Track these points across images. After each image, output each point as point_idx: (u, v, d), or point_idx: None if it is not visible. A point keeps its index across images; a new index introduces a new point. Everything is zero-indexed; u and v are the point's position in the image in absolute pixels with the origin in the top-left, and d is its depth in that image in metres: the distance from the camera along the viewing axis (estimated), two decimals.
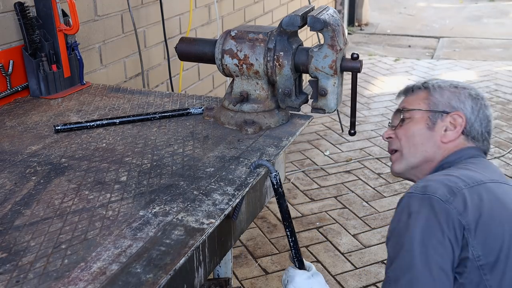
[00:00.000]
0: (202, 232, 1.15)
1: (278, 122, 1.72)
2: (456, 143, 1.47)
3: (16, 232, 1.17)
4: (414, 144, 1.49)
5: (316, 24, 1.55)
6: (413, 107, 1.52)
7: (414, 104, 1.53)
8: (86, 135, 1.69)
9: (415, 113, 1.51)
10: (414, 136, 1.50)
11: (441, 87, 1.52)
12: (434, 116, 1.48)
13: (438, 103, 1.49)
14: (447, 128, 1.47)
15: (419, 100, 1.52)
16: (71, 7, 2.01)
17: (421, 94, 1.53)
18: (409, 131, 1.50)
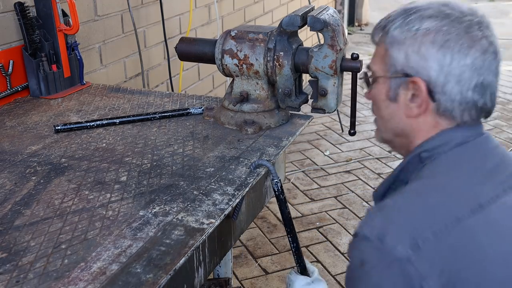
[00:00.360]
0: (202, 232, 1.15)
1: (278, 122, 1.72)
2: (428, 120, 1.08)
3: (16, 232, 1.17)
4: (381, 116, 1.16)
5: (316, 24, 1.55)
6: (373, 69, 1.14)
7: (375, 61, 1.14)
8: (86, 135, 1.69)
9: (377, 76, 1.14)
10: (380, 108, 1.15)
11: (398, 38, 1.07)
12: (394, 82, 1.09)
13: (395, 64, 1.08)
14: (411, 98, 1.07)
15: (379, 58, 1.13)
16: (71, 7, 2.01)
17: (381, 48, 1.12)
18: (375, 100, 1.16)
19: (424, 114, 1.07)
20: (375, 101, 1.16)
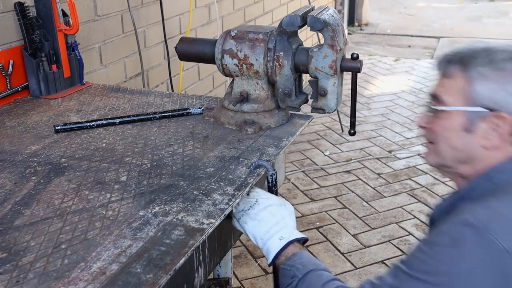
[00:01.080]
0: (202, 232, 1.15)
1: (278, 122, 1.72)
2: (503, 150, 1.17)
3: (16, 232, 1.17)
4: (450, 145, 1.22)
5: (316, 24, 1.55)
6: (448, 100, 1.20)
7: (450, 93, 1.20)
8: (86, 135, 1.69)
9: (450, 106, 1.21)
10: (450, 137, 1.21)
11: (484, 75, 1.15)
12: (474, 115, 1.16)
13: (478, 98, 1.15)
14: (490, 130, 1.16)
15: (455, 91, 1.18)
16: (71, 7, 2.01)
17: (459, 81, 1.18)
18: (444, 129, 1.21)
19: (502, 146, 1.16)
20: (443, 130, 1.22)
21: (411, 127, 4.93)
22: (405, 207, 3.64)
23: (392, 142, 4.63)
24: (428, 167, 4.09)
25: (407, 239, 3.27)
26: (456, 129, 1.19)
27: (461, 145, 1.20)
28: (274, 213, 1.33)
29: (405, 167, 4.17)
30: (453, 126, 1.20)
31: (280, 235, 1.30)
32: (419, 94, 5.76)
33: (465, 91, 1.17)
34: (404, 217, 3.51)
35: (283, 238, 1.29)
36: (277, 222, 1.32)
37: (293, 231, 1.32)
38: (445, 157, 1.25)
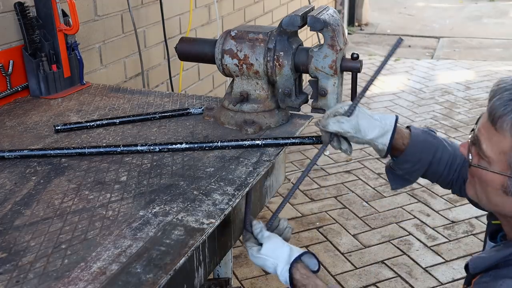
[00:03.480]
0: (202, 232, 1.15)
1: (278, 122, 1.72)
2: None
3: (16, 232, 1.17)
4: (488, 199, 1.18)
5: (316, 24, 1.55)
6: (490, 155, 1.12)
7: (494, 150, 1.11)
8: (86, 135, 1.69)
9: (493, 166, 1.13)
10: (488, 192, 1.16)
11: None
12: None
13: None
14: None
15: (499, 150, 1.10)
16: (71, 7, 2.01)
17: (505, 142, 1.09)
18: (483, 182, 1.16)
19: None
20: (482, 182, 1.16)
21: None
22: (405, 207, 3.64)
23: None
24: None
25: (407, 239, 3.27)
26: (496, 188, 1.14)
27: (499, 202, 1.16)
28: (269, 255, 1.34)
29: None
30: (493, 184, 1.14)
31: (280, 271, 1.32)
32: (419, 94, 5.76)
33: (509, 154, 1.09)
34: (404, 217, 3.51)
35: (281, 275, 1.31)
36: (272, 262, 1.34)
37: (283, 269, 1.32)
38: (483, 203, 1.22)
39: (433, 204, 3.66)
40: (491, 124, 1.11)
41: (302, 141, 1.58)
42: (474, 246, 3.20)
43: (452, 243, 3.24)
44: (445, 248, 3.19)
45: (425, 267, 3.01)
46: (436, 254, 3.12)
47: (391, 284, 2.89)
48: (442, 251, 3.15)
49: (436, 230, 3.36)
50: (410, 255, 3.12)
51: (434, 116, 5.15)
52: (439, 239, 3.27)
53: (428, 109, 5.35)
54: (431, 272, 2.98)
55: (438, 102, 5.52)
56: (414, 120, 5.08)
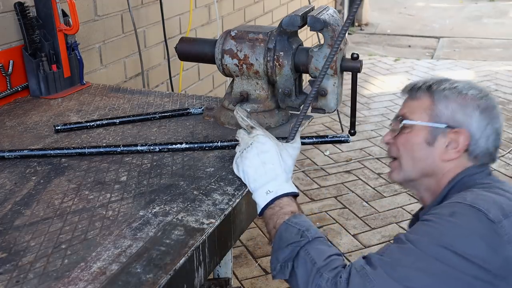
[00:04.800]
0: (202, 232, 1.15)
1: (278, 122, 1.72)
2: (456, 162, 1.34)
3: (16, 232, 1.17)
4: (412, 157, 1.38)
5: (316, 24, 1.55)
6: (413, 118, 1.38)
7: (416, 112, 1.38)
8: (86, 135, 1.69)
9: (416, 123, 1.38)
10: (412, 149, 1.37)
11: (447, 97, 1.35)
12: (435, 130, 1.34)
13: (441, 116, 1.34)
14: (448, 145, 1.33)
15: (421, 109, 1.37)
16: (71, 7, 2.01)
17: (425, 102, 1.37)
18: (408, 143, 1.38)
19: (458, 159, 1.33)
20: (407, 143, 1.38)
21: None
22: (405, 207, 3.64)
23: None
24: None
25: None
26: (419, 142, 1.36)
27: (422, 156, 1.36)
28: (266, 161, 1.29)
29: None
30: (417, 139, 1.36)
31: (267, 189, 1.27)
32: None
33: (429, 110, 1.36)
34: (404, 217, 3.51)
35: (270, 193, 1.26)
36: (266, 172, 1.28)
37: (281, 185, 1.27)
38: (408, 170, 1.39)
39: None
40: (410, 99, 1.41)
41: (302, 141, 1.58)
42: None
43: None
44: None
45: None
46: None
47: None
48: None
49: None
50: None
51: None
52: None
53: None
54: None
55: None
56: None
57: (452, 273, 1.09)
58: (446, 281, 1.09)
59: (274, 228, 1.24)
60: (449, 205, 1.20)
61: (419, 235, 1.15)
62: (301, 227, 1.20)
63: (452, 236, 1.12)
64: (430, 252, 1.11)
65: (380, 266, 1.11)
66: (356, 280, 1.10)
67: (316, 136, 1.67)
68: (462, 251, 1.09)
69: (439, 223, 1.15)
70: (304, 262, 1.16)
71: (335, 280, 1.12)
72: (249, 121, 1.38)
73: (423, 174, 1.38)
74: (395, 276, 1.09)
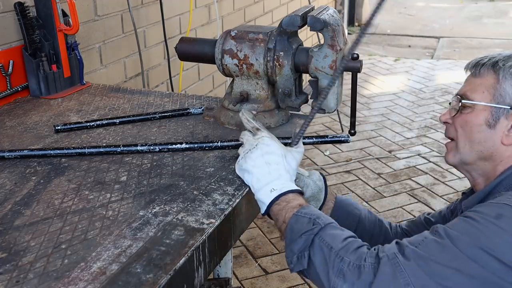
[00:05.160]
0: (202, 232, 1.15)
1: (278, 122, 1.72)
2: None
3: (16, 232, 1.17)
4: (471, 140, 1.30)
5: (316, 24, 1.55)
6: (475, 97, 1.30)
7: (478, 91, 1.30)
8: (86, 135, 1.69)
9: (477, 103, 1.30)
10: (471, 131, 1.30)
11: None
12: (498, 111, 1.26)
13: (505, 96, 1.26)
14: (511, 128, 1.26)
15: (484, 88, 1.29)
16: (71, 7, 2.01)
17: (488, 80, 1.29)
18: (467, 124, 1.30)
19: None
20: (466, 124, 1.30)
21: (411, 127, 4.93)
22: (405, 207, 3.64)
23: (392, 142, 4.64)
24: (428, 167, 4.09)
25: None
26: (479, 123, 1.28)
27: (481, 138, 1.28)
28: (270, 161, 1.28)
29: (405, 167, 4.17)
30: (477, 120, 1.28)
31: (271, 187, 1.25)
32: (419, 94, 5.76)
33: (493, 89, 1.27)
34: (404, 217, 3.51)
35: (274, 190, 1.25)
36: (270, 171, 1.27)
37: (285, 183, 1.26)
38: (465, 152, 1.32)
39: (433, 204, 3.66)
40: (472, 76, 1.33)
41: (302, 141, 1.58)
42: None
43: None
44: None
45: None
46: None
47: None
48: None
49: None
50: None
51: (434, 116, 5.15)
52: None
53: (428, 109, 5.35)
54: None
55: (438, 102, 5.52)
56: (414, 120, 5.08)
57: (488, 277, 1.05)
58: (482, 284, 1.05)
59: (284, 223, 1.21)
60: (497, 206, 1.13)
61: (459, 232, 1.10)
62: (312, 216, 1.18)
63: (495, 240, 1.07)
64: (469, 252, 1.06)
65: (414, 258, 1.07)
66: (387, 269, 1.06)
67: (316, 136, 1.67)
68: (503, 257, 1.05)
69: (482, 224, 1.09)
70: (320, 249, 1.13)
71: (358, 263, 1.08)
72: (254, 123, 1.38)
73: (480, 157, 1.31)
74: (429, 271, 1.05)
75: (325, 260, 1.11)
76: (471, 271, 1.05)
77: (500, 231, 1.07)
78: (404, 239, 1.13)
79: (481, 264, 1.05)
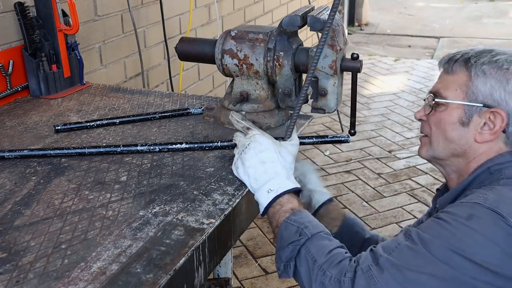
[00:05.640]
0: (202, 232, 1.15)
1: (278, 122, 1.72)
2: (491, 144, 1.26)
3: (16, 232, 1.17)
4: (445, 138, 1.30)
5: (316, 24, 1.55)
6: (448, 95, 1.29)
7: (451, 88, 1.29)
8: (86, 135, 1.69)
9: (450, 101, 1.29)
10: (445, 130, 1.29)
11: (486, 72, 1.24)
12: (471, 109, 1.25)
13: (477, 93, 1.24)
14: (484, 125, 1.25)
15: (456, 85, 1.28)
16: (71, 7, 2.01)
17: (461, 77, 1.28)
18: (441, 122, 1.30)
19: (493, 141, 1.25)
20: (440, 122, 1.30)
21: (411, 127, 4.93)
22: (405, 207, 3.64)
23: (392, 142, 4.64)
24: (428, 167, 4.09)
25: None
26: (453, 122, 1.28)
27: (455, 136, 1.28)
28: (265, 160, 1.28)
29: (405, 167, 4.17)
30: (450, 119, 1.28)
31: (268, 188, 1.26)
32: (419, 94, 5.76)
33: (466, 87, 1.26)
34: (404, 217, 3.51)
35: (271, 191, 1.25)
36: (266, 170, 1.27)
37: (282, 182, 1.26)
38: (438, 149, 1.32)
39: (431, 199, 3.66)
40: (445, 73, 1.32)
41: (302, 141, 1.58)
42: None
43: None
44: None
45: None
46: None
47: None
48: None
49: None
50: None
51: None
52: None
53: None
54: None
55: None
56: (414, 120, 5.08)
57: (462, 279, 1.06)
58: (456, 287, 1.06)
59: (277, 227, 1.24)
60: (467, 206, 1.13)
61: (431, 236, 1.10)
62: (300, 225, 1.19)
63: (466, 242, 1.07)
64: (441, 256, 1.07)
65: (387, 268, 1.08)
66: (362, 282, 1.08)
67: (316, 136, 1.67)
68: (475, 258, 1.05)
69: (454, 226, 1.10)
70: (305, 260, 1.15)
71: (339, 278, 1.10)
72: (244, 122, 1.38)
73: (453, 154, 1.31)
74: (403, 280, 1.07)
75: (309, 271, 1.15)
76: (444, 274, 1.06)
77: (471, 232, 1.08)
78: (379, 245, 1.15)
79: (453, 267, 1.06)
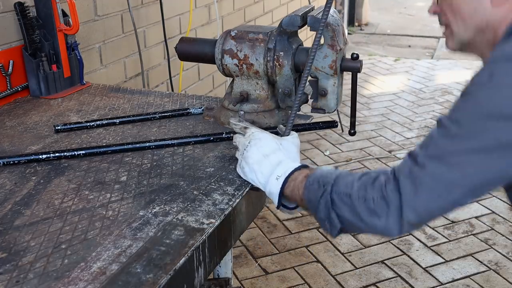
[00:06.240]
0: (202, 232, 1.16)
1: (278, 122, 1.72)
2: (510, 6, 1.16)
3: (16, 232, 1.17)
4: (462, 18, 1.22)
5: (316, 24, 1.55)
6: None
7: None
8: (86, 135, 1.69)
9: None
10: (459, 8, 1.22)
11: None
12: None
13: None
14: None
15: None
16: (71, 7, 2.01)
17: None
18: (452, 3, 1.23)
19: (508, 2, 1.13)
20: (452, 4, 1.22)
21: (411, 127, 4.93)
22: None
23: (392, 142, 4.64)
24: None
25: (407, 239, 3.27)
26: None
27: (471, 10, 1.20)
28: (267, 153, 1.30)
29: None
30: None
31: (276, 175, 1.26)
32: (419, 94, 5.76)
33: None
34: None
35: (279, 177, 1.25)
36: (270, 162, 1.28)
37: (287, 166, 1.27)
38: (460, 32, 1.24)
39: None
40: None
41: None
42: (474, 246, 3.20)
43: (452, 243, 3.24)
44: (445, 248, 3.19)
45: (425, 267, 3.02)
46: (436, 254, 3.13)
47: (391, 284, 2.89)
48: (442, 251, 3.15)
49: (436, 230, 3.36)
50: (410, 255, 3.12)
51: (434, 116, 5.15)
52: (439, 239, 3.27)
53: (428, 109, 5.35)
54: (431, 272, 2.98)
55: (438, 102, 5.52)
56: (414, 120, 5.08)
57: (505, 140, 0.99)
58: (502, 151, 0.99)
59: (302, 200, 1.21)
60: (486, 68, 1.06)
61: (460, 113, 1.04)
62: (319, 179, 1.18)
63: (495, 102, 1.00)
64: (476, 128, 1.00)
65: (427, 164, 1.03)
66: (407, 186, 1.03)
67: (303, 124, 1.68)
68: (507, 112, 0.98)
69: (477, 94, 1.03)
70: (342, 202, 1.12)
71: (381, 195, 1.06)
72: (241, 123, 1.40)
73: (477, 30, 1.22)
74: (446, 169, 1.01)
75: (351, 210, 1.10)
76: (486, 143, 1.00)
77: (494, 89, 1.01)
78: (416, 146, 1.10)
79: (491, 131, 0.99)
